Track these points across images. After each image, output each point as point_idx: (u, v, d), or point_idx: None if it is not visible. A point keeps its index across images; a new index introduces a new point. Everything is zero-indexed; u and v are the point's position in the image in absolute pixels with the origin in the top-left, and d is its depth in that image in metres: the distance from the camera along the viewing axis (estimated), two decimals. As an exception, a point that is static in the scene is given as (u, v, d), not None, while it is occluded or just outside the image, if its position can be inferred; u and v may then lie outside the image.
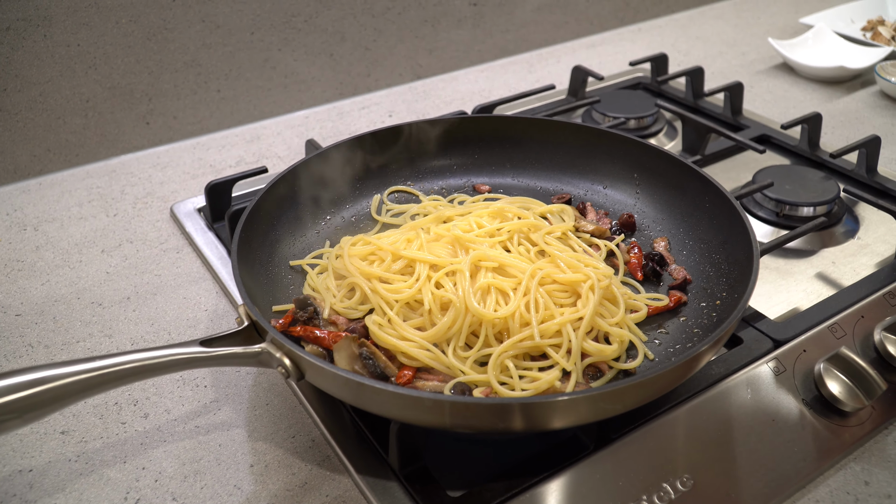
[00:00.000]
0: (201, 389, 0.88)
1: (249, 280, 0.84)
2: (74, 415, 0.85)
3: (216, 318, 0.99)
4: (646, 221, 1.05)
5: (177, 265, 1.09)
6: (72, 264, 1.10)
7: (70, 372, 0.67)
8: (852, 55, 1.68)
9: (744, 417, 0.81)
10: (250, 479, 0.78)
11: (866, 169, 1.22)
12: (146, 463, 0.80)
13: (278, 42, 1.52)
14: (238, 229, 0.86)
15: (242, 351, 0.74)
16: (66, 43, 1.31)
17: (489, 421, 0.67)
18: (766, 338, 0.90)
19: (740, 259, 0.87)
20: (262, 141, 1.42)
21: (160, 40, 1.39)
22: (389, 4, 1.61)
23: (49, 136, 1.37)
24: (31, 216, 1.20)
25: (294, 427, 0.83)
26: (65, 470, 0.79)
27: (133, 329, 0.98)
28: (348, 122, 1.49)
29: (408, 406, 0.68)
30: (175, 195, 1.26)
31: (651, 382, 0.68)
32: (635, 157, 1.07)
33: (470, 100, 1.57)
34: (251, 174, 1.15)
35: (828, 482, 0.78)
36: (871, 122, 1.45)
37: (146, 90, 1.42)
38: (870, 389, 0.80)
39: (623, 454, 0.76)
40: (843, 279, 1.03)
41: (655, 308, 0.90)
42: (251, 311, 0.75)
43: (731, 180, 1.25)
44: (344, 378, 0.68)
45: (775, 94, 1.57)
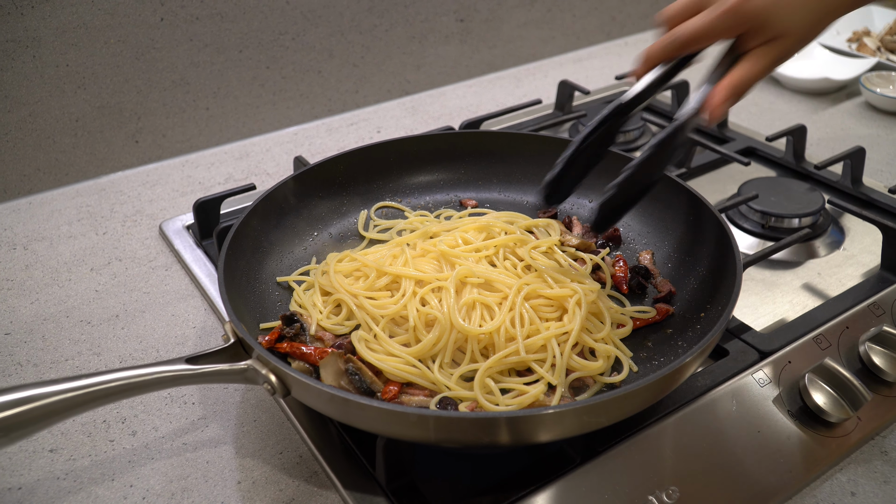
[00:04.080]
0: (189, 406, 0.89)
1: (236, 297, 0.84)
2: (63, 433, 0.85)
3: (204, 335, 1.00)
4: (631, 235, 1.05)
5: (165, 283, 1.09)
6: (61, 283, 1.10)
7: (57, 390, 0.67)
8: (837, 67, 1.69)
9: (730, 429, 0.81)
10: (238, 496, 0.78)
11: (851, 180, 1.23)
12: (134, 480, 0.80)
13: (266, 60, 1.53)
14: (225, 247, 0.87)
15: (228, 368, 0.74)
16: (55, 63, 1.32)
17: (474, 435, 0.68)
18: (752, 349, 0.90)
19: (724, 271, 0.87)
20: (251, 158, 1.42)
21: (148, 59, 1.40)
22: (377, 21, 1.62)
23: (39, 155, 1.37)
24: (21, 235, 1.21)
25: (282, 443, 0.84)
26: (53, 488, 0.79)
27: (121, 347, 0.98)
28: (337, 138, 1.49)
29: (393, 421, 0.68)
30: (164, 213, 1.26)
31: (635, 395, 0.69)
32: (620, 171, 1.08)
33: (458, 115, 1.58)
34: (239, 191, 1.15)
35: (814, 493, 0.78)
36: (857, 133, 1.47)
37: (135, 109, 1.43)
38: (855, 400, 0.81)
39: (609, 467, 0.77)
40: (829, 290, 1.04)
41: (643, 321, 0.91)
42: (237, 328, 0.75)
43: (717, 192, 1.26)
44: (329, 394, 0.68)
45: (760, 107, 1.59)
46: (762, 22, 0.76)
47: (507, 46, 1.84)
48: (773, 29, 0.77)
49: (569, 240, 1.01)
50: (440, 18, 1.70)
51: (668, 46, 0.81)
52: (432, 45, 1.72)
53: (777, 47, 0.78)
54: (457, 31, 1.74)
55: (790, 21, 0.76)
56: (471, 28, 1.76)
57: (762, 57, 0.78)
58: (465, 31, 1.75)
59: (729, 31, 0.79)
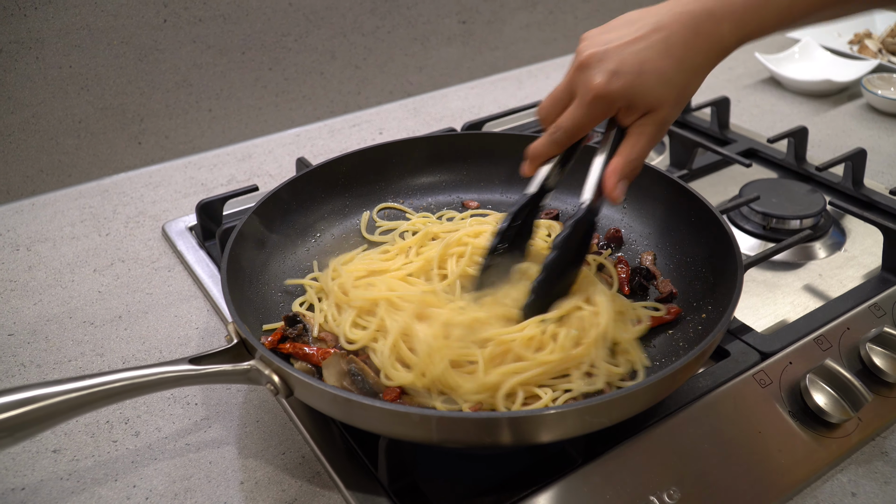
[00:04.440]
0: (192, 407, 0.89)
1: (239, 298, 0.85)
2: (66, 433, 0.86)
3: (207, 336, 1.00)
4: (632, 236, 1.06)
5: (168, 283, 1.10)
6: (64, 284, 1.10)
7: (61, 391, 0.68)
8: (839, 69, 1.69)
9: (731, 429, 0.82)
10: (240, 496, 0.78)
11: (852, 182, 1.23)
12: (137, 481, 0.80)
13: (269, 61, 1.53)
14: (228, 247, 0.87)
15: (231, 368, 0.75)
16: (59, 65, 1.33)
17: (476, 435, 0.68)
18: (753, 350, 0.90)
19: (725, 272, 0.88)
20: (254, 159, 1.43)
21: (151, 61, 1.41)
22: (379, 23, 1.62)
23: (42, 156, 1.38)
24: (24, 236, 1.21)
25: (284, 444, 0.84)
26: (57, 488, 0.80)
27: (124, 348, 0.98)
28: (339, 139, 1.50)
29: (396, 421, 0.68)
30: (167, 214, 1.26)
31: (637, 395, 0.69)
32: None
33: (460, 116, 1.58)
34: (242, 192, 1.16)
35: (815, 494, 0.78)
36: (858, 135, 1.47)
37: (138, 110, 1.43)
38: (856, 401, 0.81)
39: (611, 467, 0.77)
40: (830, 291, 1.04)
41: (657, 320, 0.91)
42: (240, 328, 0.75)
43: (718, 194, 1.26)
44: (332, 394, 0.69)
45: (762, 108, 1.59)
46: (629, 101, 0.76)
47: (510, 48, 1.84)
48: (642, 105, 0.76)
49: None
50: (442, 20, 1.70)
51: (549, 145, 0.82)
52: (434, 46, 1.72)
53: (653, 120, 0.78)
54: (459, 32, 1.74)
55: (656, 93, 0.76)
56: (473, 30, 1.76)
57: (642, 133, 0.78)
58: (467, 33, 1.76)
59: (602, 116, 0.79)
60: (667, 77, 0.75)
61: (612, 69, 0.74)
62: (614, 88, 0.75)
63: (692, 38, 0.75)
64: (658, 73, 0.75)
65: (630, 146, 0.78)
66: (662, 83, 0.75)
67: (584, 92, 0.76)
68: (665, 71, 0.75)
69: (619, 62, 0.74)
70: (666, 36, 0.75)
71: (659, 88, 0.75)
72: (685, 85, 0.77)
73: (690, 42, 0.75)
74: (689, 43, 0.75)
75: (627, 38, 0.76)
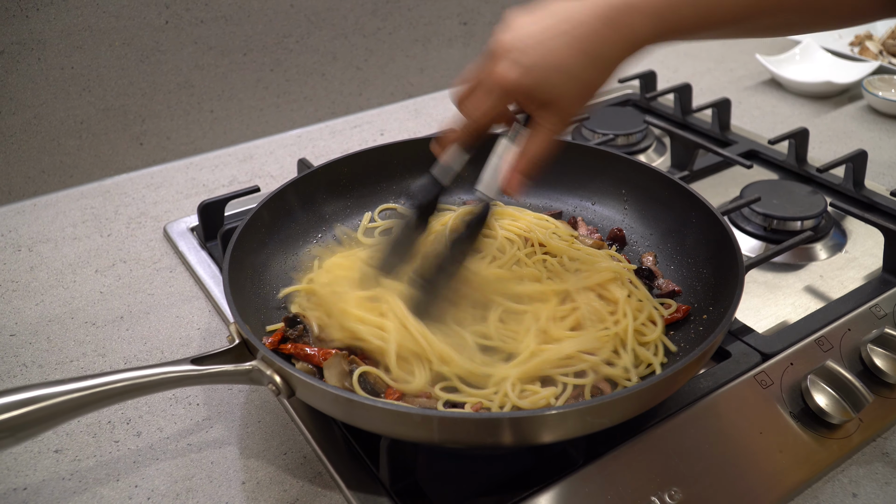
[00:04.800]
0: (194, 407, 0.89)
1: (241, 298, 0.85)
2: (68, 433, 0.86)
3: (209, 337, 1.00)
4: (633, 237, 1.06)
5: (170, 284, 1.10)
6: (66, 284, 1.10)
7: (63, 391, 0.68)
8: (840, 70, 1.70)
9: (732, 430, 0.82)
10: (242, 497, 0.78)
11: (853, 183, 1.23)
12: (139, 481, 0.80)
13: (270, 63, 1.53)
14: (229, 248, 0.87)
15: (233, 369, 0.75)
16: (61, 66, 1.33)
17: (478, 436, 0.68)
18: (754, 351, 0.91)
19: (727, 274, 0.88)
20: (255, 160, 1.43)
21: (153, 62, 1.41)
22: (380, 24, 1.63)
23: (44, 157, 1.38)
24: (26, 237, 1.21)
25: (286, 444, 0.84)
26: (59, 488, 0.80)
27: (126, 348, 0.98)
28: (340, 140, 1.50)
29: (397, 421, 0.68)
30: (168, 215, 1.27)
31: (637, 396, 0.69)
32: (623, 174, 1.08)
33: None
34: (243, 193, 1.16)
35: (816, 494, 0.78)
36: (859, 136, 1.47)
37: (140, 111, 1.44)
38: (857, 402, 0.81)
39: (612, 468, 0.77)
40: (831, 292, 1.04)
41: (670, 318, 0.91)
42: (242, 328, 0.76)
43: (719, 195, 1.26)
44: (333, 394, 0.69)
45: (763, 110, 1.59)
46: (527, 94, 0.75)
47: (510, 49, 1.84)
48: (541, 98, 0.75)
49: (583, 239, 1.02)
50: (444, 21, 1.70)
51: (461, 136, 0.82)
52: (436, 47, 1.72)
53: (552, 113, 0.76)
54: (460, 34, 1.75)
55: (557, 88, 0.74)
56: (474, 31, 1.76)
57: (542, 127, 0.77)
58: (468, 34, 1.76)
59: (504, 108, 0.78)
60: (571, 72, 0.73)
61: (515, 61, 0.74)
62: (513, 80, 0.74)
63: (606, 31, 0.73)
64: (562, 67, 0.73)
65: (531, 142, 0.78)
66: (565, 78, 0.74)
67: (490, 82, 0.76)
68: (570, 66, 0.73)
69: (524, 54, 0.74)
70: (579, 29, 0.73)
71: (560, 83, 0.74)
72: (591, 79, 0.75)
73: (603, 35, 0.73)
74: (602, 35, 0.73)
75: (540, 29, 0.74)
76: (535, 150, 0.78)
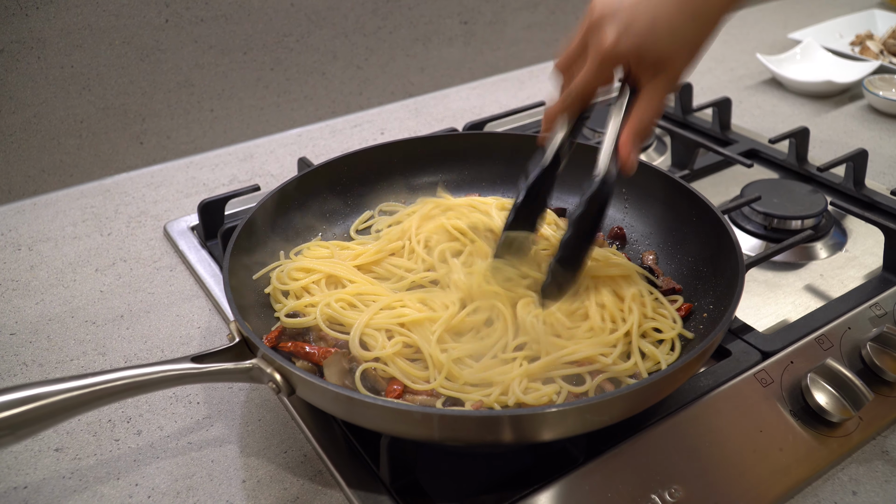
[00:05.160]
0: (194, 406, 0.89)
1: (241, 296, 0.85)
2: (68, 432, 0.86)
3: (209, 335, 1.00)
4: (634, 235, 1.06)
5: (170, 283, 1.10)
6: (66, 283, 1.10)
7: (62, 389, 0.68)
8: (840, 70, 1.70)
9: (732, 428, 0.82)
10: (242, 495, 0.78)
11: (854, 182, 1.23)
12: (139, 479, 0.80)
13: (270, 62, 1.53)
14: (229, 246, 0.87)
15: (233, 367, 0.75)
16: (60, 64, 1.33)
17: (478, 433, 0.68)
18: (755, 350, 0.91)
19: (727, 272, 0.88)
20: (255, 159, 1.43)
21: (153, 61, 1.41)
22: (381, 23, 1.63)
23: (44, 156, 1.38)
24: (26, 236, 1.21)
25: (286, 442, 0.84)
26: (59, 487, 0.80)
27: (126, 347, 0.98)
28: (340, 139, 1.50)
29: (398, 419, 0.68)
30: (168, 214, 1.27)
31: (637, 394, 0.69)
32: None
33: (461, 117, 1.58)
34: (244, 192, 1.16)
35: (816, 493, 0.78)
36: (859, 135, 1.47)
37: (140, 110, 1.44)
38: (856, 400, 0.81)
39: (612, 466, 0.77)
40: (831, 291, 1.04)
41: None
42: (242, 327, 0.76)
43: (720, 194, 1.26)
44: (334, 392, 0.69)
45: (764, 109, 1.59)
46: (640, 58, 0.74)
47: (511, 49, 1.84)
48: (654, 61, 0.74)
49: None
50: (444, 21, 1.70)
51: (564, 107, 0.81)
52: (436, 47, 1.72)
53: (664, 78, 0.76)
54: (460, 33, 1.75)
55: (668, 49, 0.74)
56: (474, 30, 1.76)
57: (653, 93, 0.77)
58: (468, 34, 1.76)
59: (612, 75, 0.77)
60: (680, 31, 0.73)
61: (624, 26, 0.73)
62: (625, 46, 0.73)
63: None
64: (671, 27, 0.72)
65: (643, 107, 0.77)
66: (675, 38, 0.73)
67: (595, 51, 0.75)
68: (678, 24, 0.72)
69: (631, 18, 0.72)
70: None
71: (671, 43, 0.73)
72: (699, 37, 0.75)
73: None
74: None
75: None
76: (647, 114, 0.77)
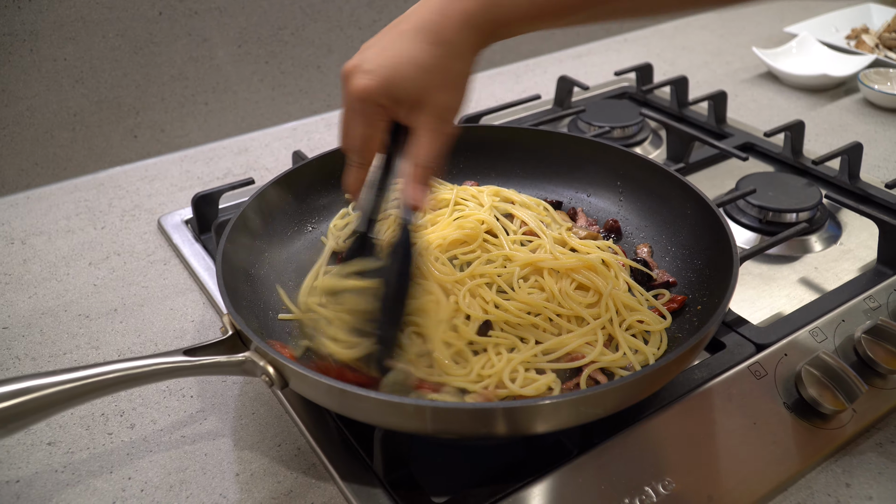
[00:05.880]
0: (187, 399, 0.89)
1: (234, 290, 0.84)
2: (61, 426, 0.86)
3: (203, 329, 1.00)
4: (629, 228, 1.06)
5: (164, 277, 1.10)
6: (59, 277, 1.10)
7: (54, 382, 0.67)
8: (836, 63, 1.69)
9: (725, 421, 0.82)
10: (236, 488, 0.78)
11: (848, 175, 1.23)
12: (132, 473, 0.80)
13: (265, 55, 1.53)
14: (223, 239, 0.87)
15: (226, 360, 0.74)
16: (53, 57, 1.32)
17: (471, 426, 0.68)
18: (749, 342, 0.91)
19: (721, 265, 0.87)
20: (250, 153, 1.43)
21: (147, 54, 1.40)
22: (376, 17, 1.62)
23: (37, 150, 1.37)
24: (19, 230, 1.21)
25: (280, 435, 0.84)
26: (52, 481, 0.79)
27: (120, 340, 0.98)
28: (336, 133, 1.49)
29: (390, 412, 0.68)
30: (163, 207, 1.26)
31: (630, 386, 0.69)
32: (618, 166, 1.08)
33: (457, 110, 1.57)
34: (238, 186, 1.16)
35: (809, 484, 0.78)
36: (854, 129, 1.47)
37: (133, 104, 1.43)
38: (850, 392, 0.81)
39: (606, 458, 0.77)
40: (826, 284, 1.04)
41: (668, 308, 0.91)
42: (235, 320, 0.75)
43: (715, 188, 1.26)
44: (327, 385, 0.68)
45: (759, 103, 1.59)
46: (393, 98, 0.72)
47: (507, 42, 1.83)
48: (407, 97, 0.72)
49: (576, 231, 1.02)
50: (439, 14, 1.70)
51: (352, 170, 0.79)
52: (431, 40, 1.72)
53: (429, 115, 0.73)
54: (455, 26, 1.74)
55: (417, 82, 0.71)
56: (469, 24, 1.75)
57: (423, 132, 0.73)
58: (463, 27, 1.75)
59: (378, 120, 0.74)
60: (424, 62, 0.71)
61: (368, 70, 0.71)
62: (372, 87, 0.71)
63: (440, 20, 0.71)
64: (413, 61, 0.71)
65: (416, 148, 0.74)
66: (420, 70, 0.71)
67: (349, 101, 0.73)
68: (420, 56, 0.71)
69: (375, 63, 0.71)
70: (416, 25, 0.72)
71: (417, 75, 0.71)
72: (447, 68, 0.72)
73: (439, 23, 0.71)
74: (439, 25, 0.71)
75: (382, 38, 0.73)
76: (422, 155, 0.74)
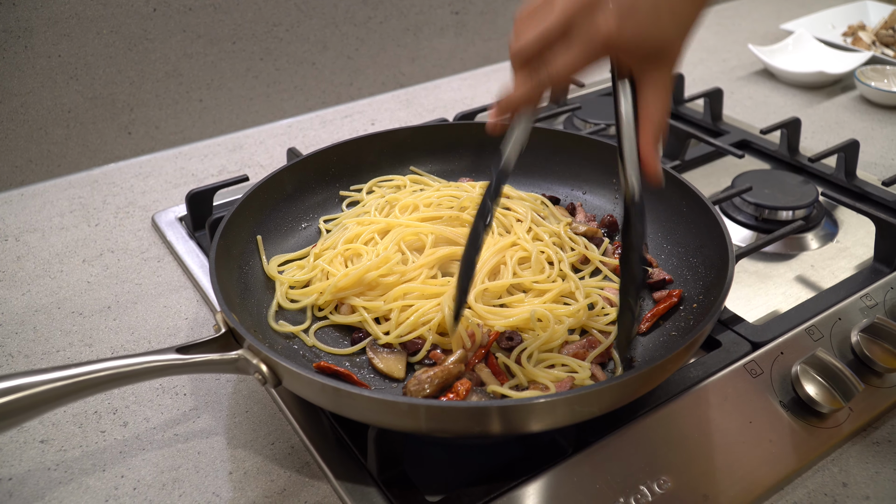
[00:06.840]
0: (181, 397, 0.88)
1: (228, 287, 0.84)
2: (54, 424, 0.85)
3: (196, 327, 0.99)
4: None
5: (158, 274, 1.09)
6: (53, 274, 1.09)
7: (47, 379, 0.67)
8: (832, 60, 1.69)
9: (721, 419, 0.81)
10: (229, 487, 0.78)
11: (845, 173, 1.23)
12: (125, 471, 0.79)
13: (260, 51, 1.52)
14: (216, 236, 0.87)
15: (219, 358, 0.74)
16: (48, 54, 1.32)
17: (465, 425, 0.67)
18: (745, 340, 0.90)
19: (717, 263, 0.87)
20: (245, 150, 1.42)
21: (141, 50, 1.40)
22: (371, 13, 1.62)
23: (31, 146, 1.37)
24: (13, 226, 1.20)
25: (273, 434, 0.83)
26: (44, 478, 0.79)
27: (113, 338, 0.98)
28: (331, 130, 1.49)
29: (384, 411, 0.68)
30: (157, 204, 1.26)
31: (626, 385, 0.69)
32: (614, 163, 1.08)
33: (452, 107, 1.57)
34: (232, 183, 1.15)
35: (805, 483, 0.78)
36: (851, 126, 1.47)
37: (128, 100, 1.42)
38: (847, 391, 0.81)
39: (601, 457, 0.77)
40: (822, 282, 1.04)
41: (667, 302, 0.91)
42: (228, 317, 0.75)
43: (711, 185, 1.26)
44: (320, 384, 0.68)
45: (755, 100, 1.59)
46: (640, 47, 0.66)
47: (503, 39, 1.83)
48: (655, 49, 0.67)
49: (576, 227, 1.01)
50: (435, 11, 1.70)
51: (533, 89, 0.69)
52: (427, 37, 1.71)
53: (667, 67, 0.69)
54: (452, 23, 1.74)
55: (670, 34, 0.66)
56: (466, 21, 1.75)
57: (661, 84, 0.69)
58: (460, 24, 1.75)
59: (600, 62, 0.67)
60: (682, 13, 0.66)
61: (625, 11, 0.64)
62: (627, 34, 0.64)
63: None
64: (672, 10, 0.65)
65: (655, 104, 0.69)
66: (677, 22, 0.66)
67: (589, 38, 0.65)
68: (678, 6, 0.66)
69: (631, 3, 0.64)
70: None
71: (674, 28, 0.66)
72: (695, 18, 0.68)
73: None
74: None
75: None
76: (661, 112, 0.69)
